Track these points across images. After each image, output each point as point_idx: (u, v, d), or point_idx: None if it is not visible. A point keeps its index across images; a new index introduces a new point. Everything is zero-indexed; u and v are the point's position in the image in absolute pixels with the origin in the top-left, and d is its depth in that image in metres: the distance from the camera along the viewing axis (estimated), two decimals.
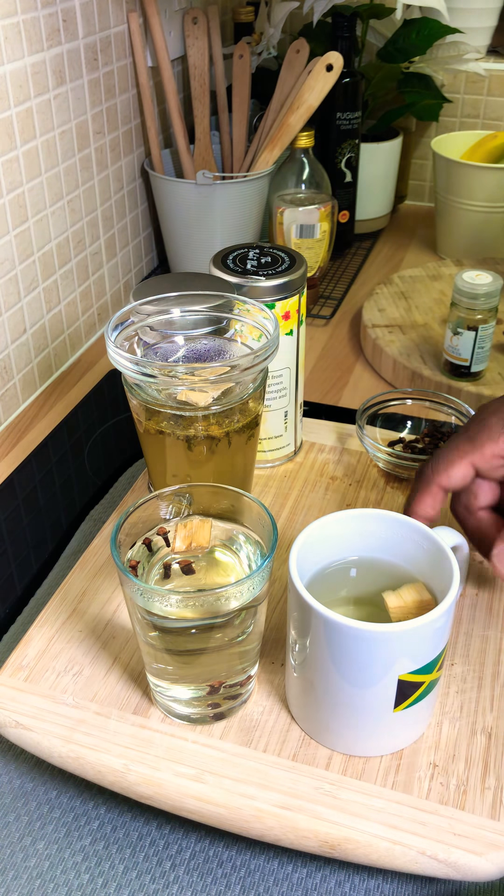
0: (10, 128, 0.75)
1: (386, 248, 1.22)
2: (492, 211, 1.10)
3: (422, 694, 0.46)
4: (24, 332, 0.83)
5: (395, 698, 0.45)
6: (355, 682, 0.45)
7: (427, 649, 0.44)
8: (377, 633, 0.42)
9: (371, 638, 0.42)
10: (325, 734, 0.48)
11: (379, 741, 0.47)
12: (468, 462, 0.50)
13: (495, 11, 1.22)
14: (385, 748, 0.48)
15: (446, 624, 0.44)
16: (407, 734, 0.48)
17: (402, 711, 0.46)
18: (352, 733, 0.47)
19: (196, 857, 0.49)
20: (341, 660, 0.44)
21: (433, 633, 0.43)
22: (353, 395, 0.88)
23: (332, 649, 0.44)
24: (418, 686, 0.45)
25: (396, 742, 0.48)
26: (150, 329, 0.58)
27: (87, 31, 0.86)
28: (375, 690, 0.45)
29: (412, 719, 0.47)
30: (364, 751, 0.48)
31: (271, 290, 0.61)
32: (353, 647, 0.43)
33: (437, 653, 0.45)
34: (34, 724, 0.49)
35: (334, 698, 0.46)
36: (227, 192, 0.99)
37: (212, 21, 1.03)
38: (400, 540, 0.49)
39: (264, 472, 0.69)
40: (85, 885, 0.48)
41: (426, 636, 0.43)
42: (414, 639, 0.43)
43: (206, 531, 0.49)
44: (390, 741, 0.48)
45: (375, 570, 0.50)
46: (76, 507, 0.73)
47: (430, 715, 0.49)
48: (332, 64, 0.95)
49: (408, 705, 0.45)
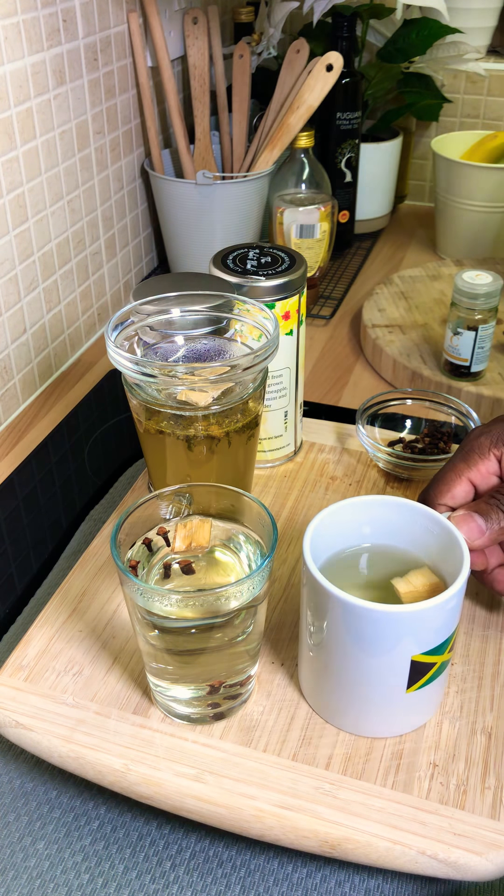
0: (10, 128, 0.75)
1: (386, 248, 1.22)
2: (492, 211, 1.10)
3: (434, 675, 0.47)
4: (24, 332, 0.83)
5: (408, 679, 0.46)
6: (370, 662, 0.46)
7: (439, 630, 0.45)
8: (391, 613, 0.43)
9: (386, 619, 0.44)
10: (338, 715, 0.49)
11: (392, 722, 0.49)
12: (466, 479, 0.53)
13: (495, 11, 1.22)
14: (397, 729, 0.49)
15: (457, 605, 0.46)
16: (418, 716, 0.49)
17: (415, 692, 0.47)
18: (365, 714, 0.48)
19: (196, 856, 0.49)
20: (357, 641, 0.45)
21: (445, 613, 0.45)
22: (353, 395, 0.88)
23: (348, 631, 0.45)
24: (430, 667, 0.46)
25: (409, 723, 0.49)
26: (150, 329, 0.58)
27: (87, 31, 0.86)
28: (389, 671, 0.46)
29: (424, 700, 0.48)
30: (376, 732, 0.49)
31: (271, 290, 0.61)
32: (368, 629, 0.44)
33: (448, 634, 0.46)
34: (34, 724, 0.49)
35: (349, 679, 0.47)
36: (227, 192, 0.99)
37: (212, 21, 1.03)
38: (411, 526, 0.51)
39: (264, 472, 0.69)
40: (85, 885, 0.48)
41: (438, 617, 0.45)
42: (427, 619, 0.44)
43: (206, 531, 0.49)
44: (403, 721, 0.49)
45: (386, 555, 0.51)
46: (76, 507, 0.73)
47: (440, 697, 0.50)
48: (332, 64, 0.95)
49: (420, 686, 0.47)
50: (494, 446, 0.52)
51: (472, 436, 0.54)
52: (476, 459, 0.53)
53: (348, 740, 0.48)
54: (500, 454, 0.52)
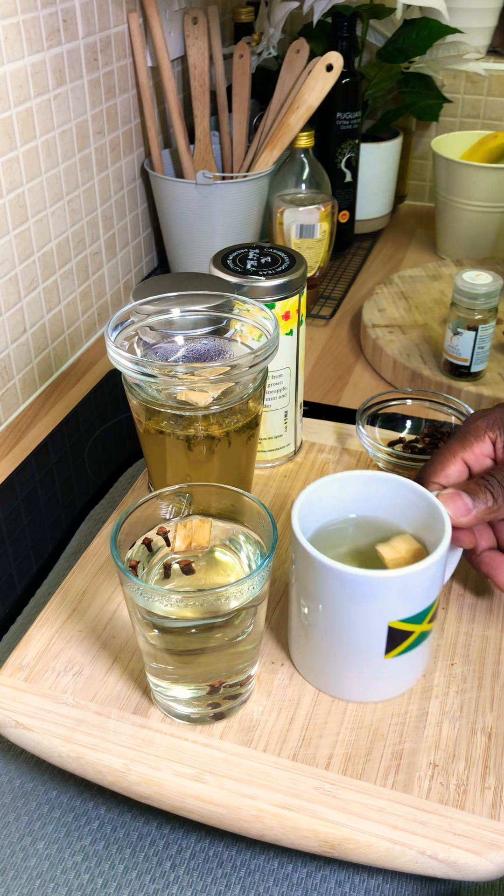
0: (10, 128, 0.75)
1: (386, 248, 1.22)
2: (492, 211, 1.10)
3: (412, 643, 0.48)
4: (24, 332, 0.83)
5: (385, 644, 0.47)
6: (348, 626, 0.47)
7: (417, 598, 0.46)
8: (368, 577, 0.45)
9: (362, 582, 0.45)
10: (321, 677, 0.51)
11: (370, 687, 0.50)
12: (460, 459, 0.54)
13: (495, 11, 1.22)
14: (376, 695, 0.50)
15: (436, 575, 0.47)
16: (398, 684, 0.50)
17: (394, 659, 0.48)
18: (345, 677, 0.50)
19: (196, 856, 0.49)
20: (335, 603, 0.47)
21: (422, 582, 0.46)
22: (353, 395, 0.88)
23: (327, 593, 0.47)
24: (408, 635, 0.47)
25: (388, 690, 0.50)
26: (150, 329, 0.58)
27: (87, 31, 0.86)
28: (367, 635, 0.47)
29: (403, 668, 0.50)
30: (356, 696, 0.50)
31: (271, 290, 0.61)
32: (345, 591, 0.46)
33: (427, 603, 0.47)
34: (34, 724, 0.49)
35: (328, 641, 0.49)
36: (227, 192, 0.99)
37: (212, 21, 1.03)
38: (395, 499, 0.52)
39: (264, 472, 0.69)
40: (85, 885, 0.48)
41: (415, 585, 0.46)
42: (404, 586, 0.46)
43: (206, 531, 0.49)
44: (381, 688, 0.50)
45: (372, 527, 0.53)
46: (76, 507, 0.73)
47: (421, 668, 0.51)
48: (332, 64, 0.95)
49: (399, 653, 0.48)
50: (490, 429, 0.54)
51: (470, 419, 0.56)
52: (471, 441, 0.54)
53: (348, 740, 0.48)
54: (496, 437, 0.54)
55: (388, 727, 0.49)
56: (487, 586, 0.58)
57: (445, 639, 0.54)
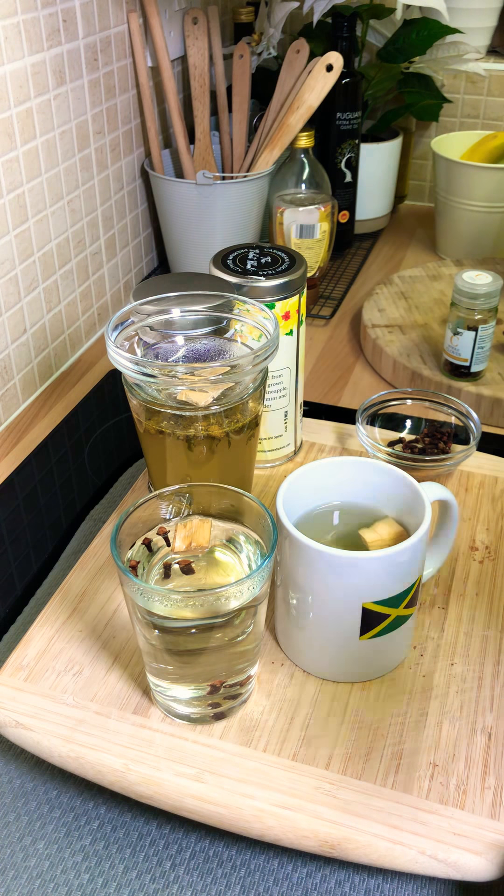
0: (10, 128, 0.75)
1: (386, 248, 1.22)
2: (492, 211, 1.10)
3: (387, 627, 0.48)
4: (24, 332, 0.83)
5: (360, 626, 0.48)
6: (322, 605, 0.48)
7: (391, 582, 0.47)
8: (339, 556, 0.46)
9: (334, 561, 0.46)
10: (301, 656, 0.52)
11: (347, 667, 0.51)
12: None
13: (495, 11, 1.22)
14: (352, 675, 0.51)
15: (411, 560, 0.47)
16: (374, 666, 0.51)
17: (369, 641, 0.49)
18: (324, 657, 0.51)
19: (196, 856, 0.49)
20: (309, 581, 0.48)
21: (396, 566, 0.47)
22: (353, 395, 0.88)
23: (303, 571, 0.48)
24: (384, 618, 0.48)
25: (365, 671, 0.51)
26: (150, 329, 0.58)
27: (87, 31, 0.86)
28: (341, 615, 0.48)
29: (379, 651, 0.50)
30: (335, 675, 0.51)
31: (271, 290, 0.61)
32: (317, 570, 0.47)
33: (403, 587, 0.47)
34: (34, 723, 0.49)
35: (305, 620, 0.50)
36: (227, 192, 0.99)
37: (212, 21, 1.03)
38: (378, 484, 0.53)
39: (264, 472, 0.69)
40: (85, 885, 0.48)
41: (388, 568, 0.46)
42: (376, 568, 0.46)
43: (206, 531, 0.49)
44: (358, 669, 0.51)
45: (356, 512, 0.54)
46: (76, 507, 0.73)
47: (400, 654, 0.52)
48: (332, 64, 0.95)
49: (374, 636, 0.48)
50: None
51: None
52: None
53: (348, 740, 0.48)
54: None
55: (388, 727, 0.49)
56: (487, 586, 0.58)
57: (445, 639, 0.54)
